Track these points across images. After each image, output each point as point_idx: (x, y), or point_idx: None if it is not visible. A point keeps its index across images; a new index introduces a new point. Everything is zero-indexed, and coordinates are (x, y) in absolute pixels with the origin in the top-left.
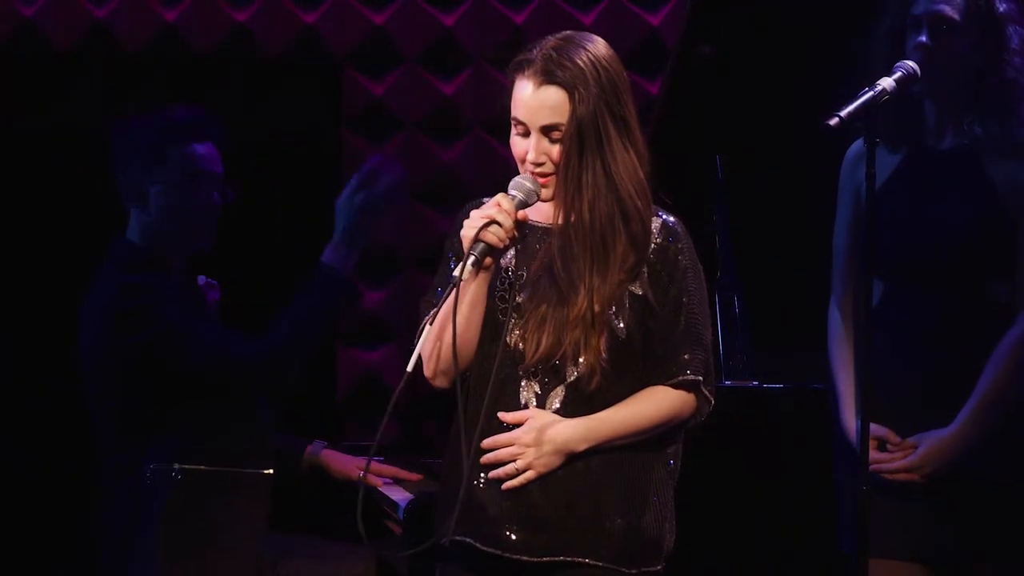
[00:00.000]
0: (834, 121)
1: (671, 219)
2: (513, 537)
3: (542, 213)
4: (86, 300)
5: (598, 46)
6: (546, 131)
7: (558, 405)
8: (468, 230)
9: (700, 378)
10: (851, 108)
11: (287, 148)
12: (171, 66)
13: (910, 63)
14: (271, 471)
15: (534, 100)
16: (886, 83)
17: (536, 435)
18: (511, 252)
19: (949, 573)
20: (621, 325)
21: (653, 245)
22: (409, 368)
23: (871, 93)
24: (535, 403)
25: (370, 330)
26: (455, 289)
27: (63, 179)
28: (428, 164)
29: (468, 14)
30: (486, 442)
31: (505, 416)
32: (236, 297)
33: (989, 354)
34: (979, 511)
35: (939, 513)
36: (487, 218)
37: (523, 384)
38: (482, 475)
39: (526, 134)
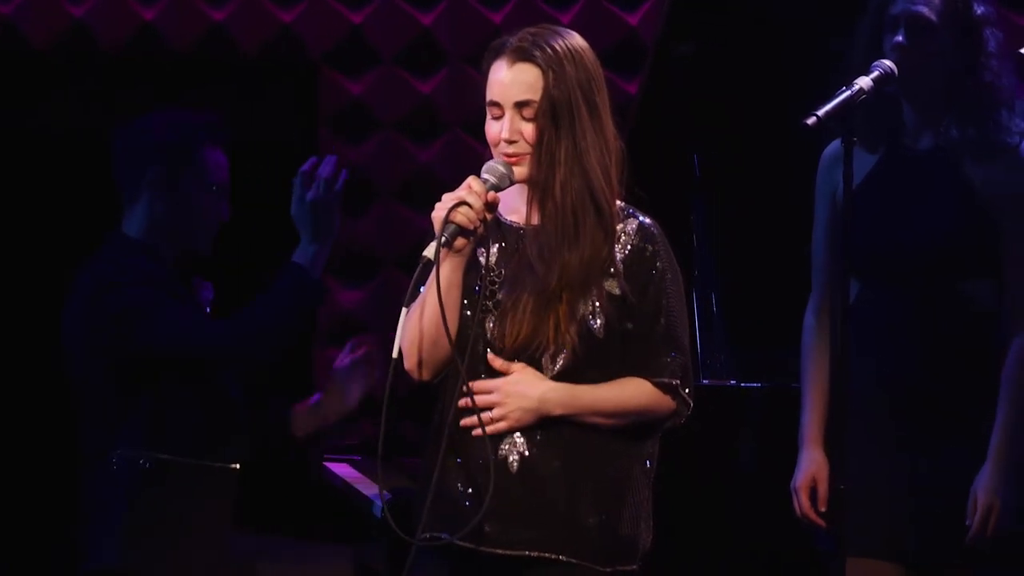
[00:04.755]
0: (811, 120)
1: (647, 220)
2: (487, 529)
3: (520, 215)
4: (72, 287)
5: (574, 37)
6: (520, 107)
7: None
8: (439, 211)
9: (677, 381)
10: (828, 107)
11: (264, 148)
12: (148, 65)
13: (887, 62)
14: (237, 466)
15: (508, 76)
16: (863, 82)
17: (518, 388)
18: (492, 251)
19: (926, 572)
20: (597, 325)
21: (630, 247)
22: (394, 354)
23: (848, 92)
24: None
25: (348, 331)
26: (431, 270)
27: (41, 179)
28: (406, 164)
29: (445, 14)
30: (472, 384)
31: (495, 361)
32: (215, 298)
33: (965, 354)
34: (958, 512)
35: (917, 512)
36: (457, 199)
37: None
38: (457, 460)
39: (500, 116)
